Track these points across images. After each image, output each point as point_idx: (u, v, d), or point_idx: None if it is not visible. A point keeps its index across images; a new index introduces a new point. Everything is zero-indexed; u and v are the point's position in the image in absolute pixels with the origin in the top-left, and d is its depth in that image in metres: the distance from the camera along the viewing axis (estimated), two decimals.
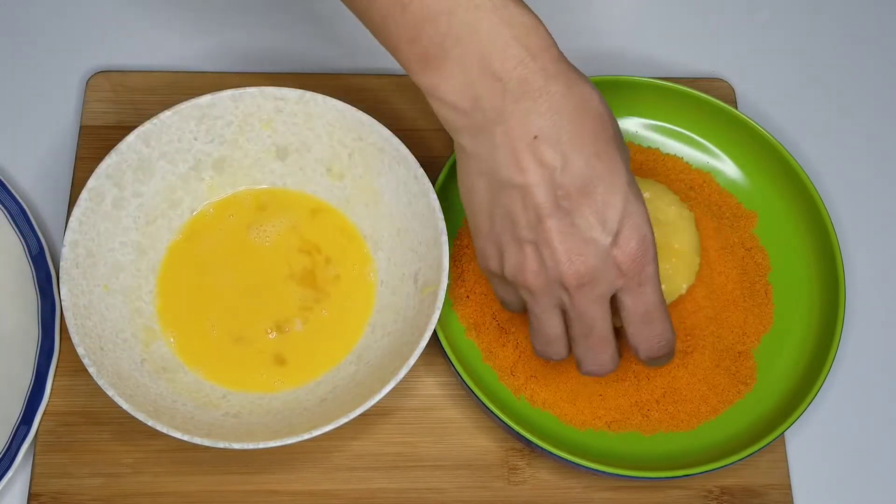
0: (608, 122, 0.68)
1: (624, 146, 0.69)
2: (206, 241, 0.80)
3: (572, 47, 0.91)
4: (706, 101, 0.84)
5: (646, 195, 0.79)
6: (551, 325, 0.72)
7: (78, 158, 0.84)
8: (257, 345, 0.78)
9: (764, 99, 0.90)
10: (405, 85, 0.87)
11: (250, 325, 0.78)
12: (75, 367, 0.77)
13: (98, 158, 0.77)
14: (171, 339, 0.78)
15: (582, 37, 0.91)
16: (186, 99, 0.78)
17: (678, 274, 0.78)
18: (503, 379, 0.78)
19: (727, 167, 0.85)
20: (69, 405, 0.77)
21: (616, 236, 0.68)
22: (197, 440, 0.70)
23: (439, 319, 0.75)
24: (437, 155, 0.85)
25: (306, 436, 0.70)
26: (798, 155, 0.88)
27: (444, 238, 0.75)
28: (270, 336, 0.78)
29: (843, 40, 0.93)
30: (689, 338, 0.80)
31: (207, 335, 0.78)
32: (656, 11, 0.93)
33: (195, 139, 0.79)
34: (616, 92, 0.85)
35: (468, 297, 0.80)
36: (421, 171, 0.77)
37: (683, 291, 0.78)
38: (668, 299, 0.78)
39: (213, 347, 0.78)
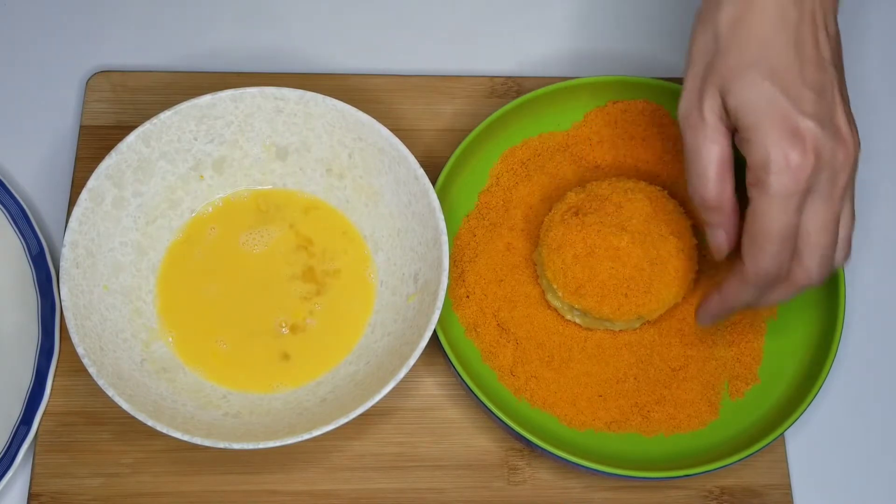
0: None
1: None
2: (206, 240, 0.80)
3: (572, 48, 0.91)
4: None
5: (644, 197, 0.79)
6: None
7: (78, 158, 0.84)
8: (257, 344, 0.78)
9: None
10: (405, 85, 0.88)
11: (250, 325, 0.78)
12: (75, 367, 0.77)
13: (98, 158, 0.77)
14: (171, 339, 0.78)
15: (582, 37, 0.91)
16: (186, 99, 0.78)
17: (675, 281, 0.78)
18: (503, 379, 0.78)
19: None
20: (69, 405, 0.77)
21: None
22: (197, 440, 0.70)
23: (439, 319, 0.75)
24: (437, 155, 0.85)
25: (306, 436, 0.70)
26: None
27: (444, 238, 0.75)
28: (271, 334, 0.78)
29: (843, 39, 0.93)
30: (689, 339, 0.80)
31: (207, 335, 0.78)
32: (657, 12, 0.93)
33: (195, 139, 0.79)
34: (616, 92, 0.85)
35: (468, 297, 0.80)
36: (421, 171, 0.77)
37: (679, 300, 0.78)
38: (666, 306, 0.78)
39: (214, 347, 0.78)
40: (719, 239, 0.71)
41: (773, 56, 0.65)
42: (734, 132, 0.68)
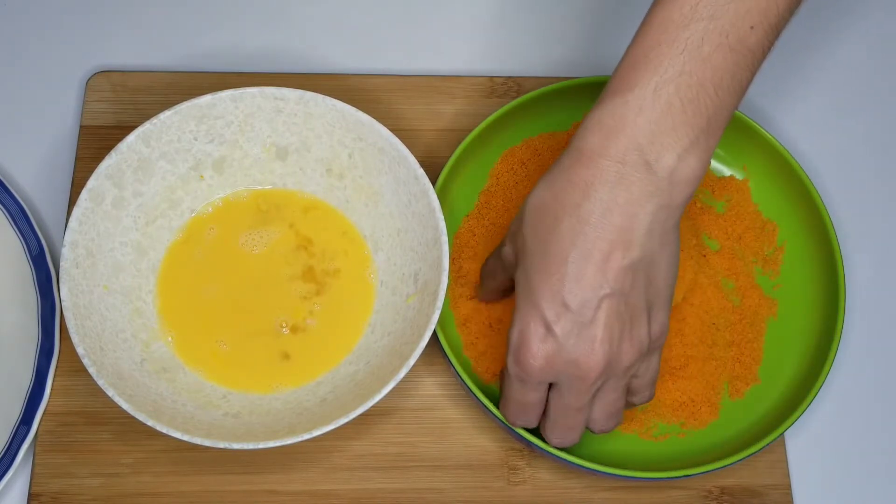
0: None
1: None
2: (206, 240, 0.80)
3: (572, 48, 0.91)
4: None
5: None
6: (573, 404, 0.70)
7: (78, 158, 0.84)
8: (257, 344, 0.78)
9: (763, 99, 0.90)
10: (405, 85, 0.88)
11: (250, 325, 0.78)
12: (75, 367, 0.77)
13: (98, 158, 0.77)
14: (171, 339, 0.78)
15: (582, 37, 0.91)
16: (186, 99, 0.78)
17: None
18: (477, 368, 0.78)
19: (726, 167, 0.85)
20: (69, 405, 0.77)
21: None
22: (197, 440, 0.70)
23: (439, 319, 0.75)
24: (437, 155, 0.85)
25: (306, 436, 0.70)
26: (798, 154, 0.88)
27: (444, 238, 0.75)
28: (271, 334, 0.78)
29: (843, 40, 0.93)
30: (689, 339, 0.80)
31: (207, 335, 0.78)
32: None
33: (195, 139, 0.79)
34: None
35: (468, 297, 0.80)
36: (421, 171, 0.77)
37: (679, 300, 0.78)
38: None
39: (214, 347, 0.78)
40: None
41: (550, 257, 0.67)
42: None
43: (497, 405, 0.75)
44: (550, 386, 0.70)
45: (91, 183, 0.76)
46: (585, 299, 0.66)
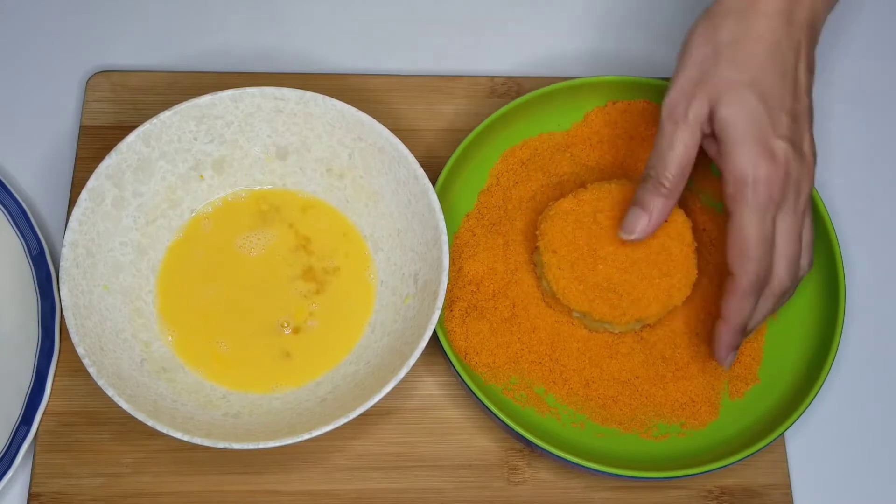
0: None
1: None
2: (206, 240, 0.80)
3: (572, 48, 0.91)
4: None
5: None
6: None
7: (78, 158, 0.84)
8: (257, 344, 0.78)
9: None
10: (405, 85, 0.88)
11: (250, 324, 0.78)
12: (75, 367, 0.77)
13: (98, 158, 0.77)
14: (171, 339, 0.78)
15: (582, 37, 0.91)
16: (186, 99, 0.78)
17: (675, 284, 0.78)
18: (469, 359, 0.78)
19: None
20: (69, 405, 0.77)
21: None
22: (197, 440, 0.70)
23: (439, 319, 0.75)
24: (437, 155, 0.85)
25: (306, 436, 0.70)
26: None
27: (444, 238, 0.75)
28: (271, 334, 0.78)
29: (843, 39, 0.93)
30: (689, 339, 0.80)
31: (208, 335, 0.78)
32: (657, 12, 0.93)
33: (195, 139, 0.79)
34: (616, 92, 0.85)
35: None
36: (421, 171, 0.77)
37: (679, 303, 0.78)
38: (666, 309, 0.77)
39: (213, 347, 0.78)
40: (642, 223, 0.75)
41: (765, 80, 0.72)
42: (704, 138, 0.74)
43: (496, 405, 0.75)
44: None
45: (91, 183, 0.76)
46: (798, 110, 0.73)
